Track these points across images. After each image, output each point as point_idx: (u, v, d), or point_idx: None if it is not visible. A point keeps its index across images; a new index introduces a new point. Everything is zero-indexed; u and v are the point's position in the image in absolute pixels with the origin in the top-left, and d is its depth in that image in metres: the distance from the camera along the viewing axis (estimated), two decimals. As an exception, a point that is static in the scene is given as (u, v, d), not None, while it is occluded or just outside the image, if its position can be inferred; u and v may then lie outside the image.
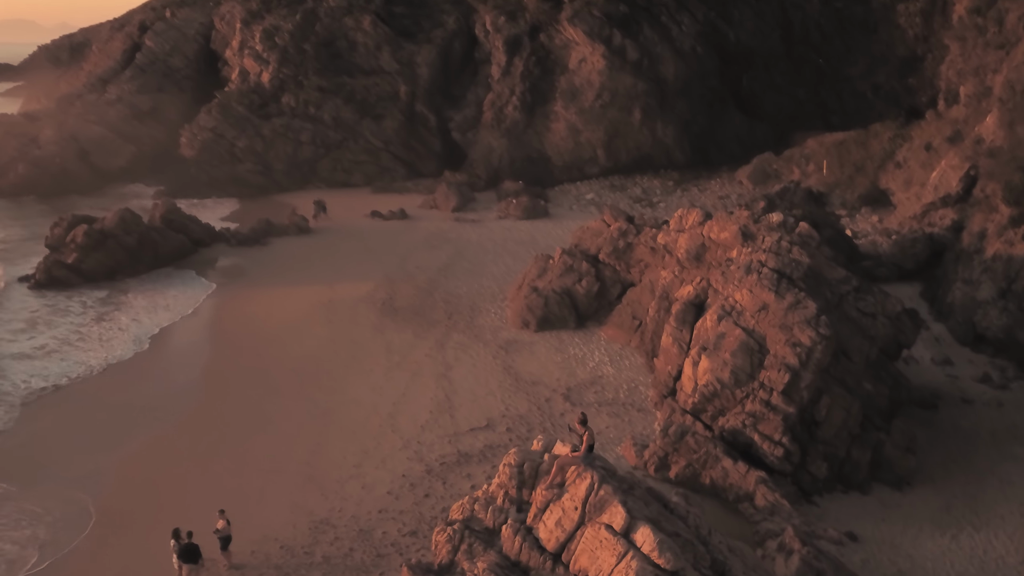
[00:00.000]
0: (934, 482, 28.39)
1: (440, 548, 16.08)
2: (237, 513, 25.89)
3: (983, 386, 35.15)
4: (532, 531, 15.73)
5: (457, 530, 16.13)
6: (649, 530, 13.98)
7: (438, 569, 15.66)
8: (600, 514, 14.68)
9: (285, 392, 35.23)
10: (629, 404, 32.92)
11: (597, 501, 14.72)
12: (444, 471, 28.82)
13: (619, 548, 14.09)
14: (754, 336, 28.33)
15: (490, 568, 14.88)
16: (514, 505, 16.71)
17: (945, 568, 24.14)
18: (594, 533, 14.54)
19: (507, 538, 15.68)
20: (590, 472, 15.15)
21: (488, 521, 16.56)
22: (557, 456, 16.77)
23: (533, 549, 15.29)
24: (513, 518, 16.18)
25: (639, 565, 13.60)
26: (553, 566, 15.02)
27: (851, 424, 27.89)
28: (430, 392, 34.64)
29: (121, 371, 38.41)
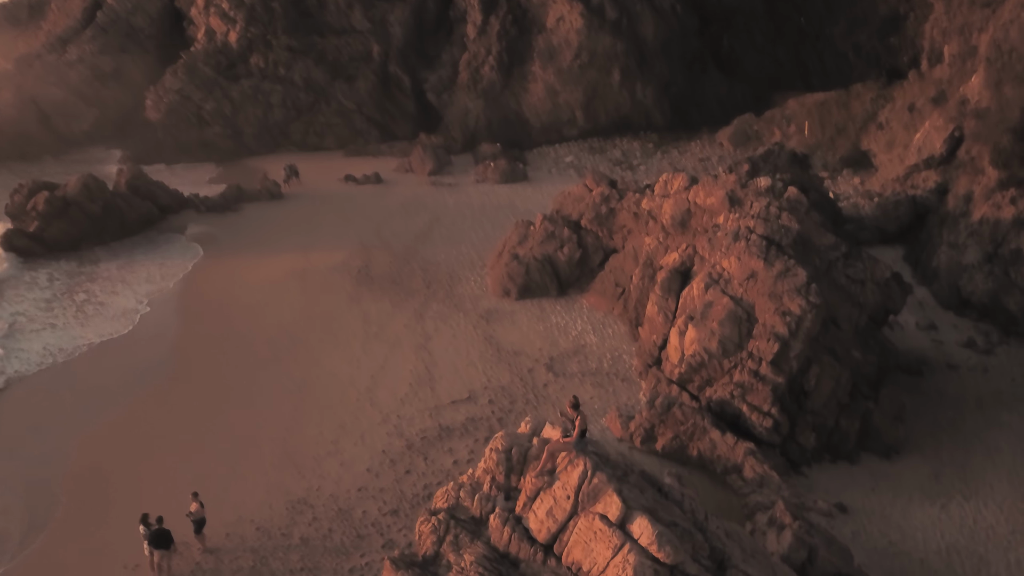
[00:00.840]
0: (922, 451, 28.08)
1: (424, 539, 15.28)
2: (210, 494, 24.98)
3: (968, 351, 34.85)
4: (521, 521, 14.96)
5: (442, 520, 15.32)
6: (647, 521, 13.24)
7: (422, 561, 14.87)
8: (594, 503, 13.91)
9: (259, 366, 34.14)
10: (613, 374, 32.23)
11: (591, 490, 13.94)
12: (425, 446, 28.03)
13: (615, 540, 13.34)
14: (742, 305, 27.61)
15: (478, 561, 14.10)
16: (501, 492, 15.91)
17: (935, 538, 23.85)
18: (588, 524, 13.78)
19: (495, 528, 14.89)
20: (583, 459, 14.34)
21: (474, 510, 15.76)
22: (547, 440, 15.94)
23: (523, 540, 14.52)
24: (501, 506, 15.38)
25: (637, 559, 12.87)
26: (544, 558, 14.27)
27: (840, 394, 27.40)
28: (409, 364, 33.72)
29: (92, 347, 37.08)
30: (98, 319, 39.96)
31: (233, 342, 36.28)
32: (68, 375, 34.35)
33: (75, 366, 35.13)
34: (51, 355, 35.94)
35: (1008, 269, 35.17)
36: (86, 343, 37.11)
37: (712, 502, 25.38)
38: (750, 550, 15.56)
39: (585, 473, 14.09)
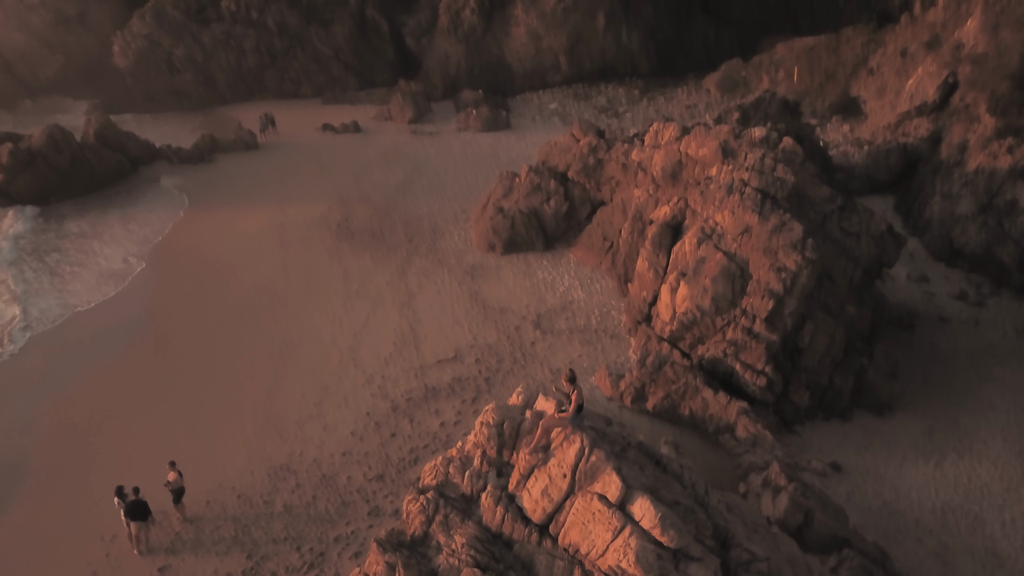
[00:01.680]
0: (915, 407, 27.70)
1: (412, 518, 14.55)
2: (189, 462, 24.21)
3: (959, 303, 34.40)
4: (515, 499, 14.24)
5: (431, 499, 14.57)
6: (648, 502, 12.54)
7: (411, 541, 14.17)
8: (592, 482, 13.19)
9: (237, 326, 33.09)
10: (601, 331, 31.49)
11: (588, 468, 13.20)
12: (411, 408, 27.28)
13: (615, 522, 12.66)
14: (736, 261, 26.80)
15: (470, 543, 13.40)
16: (493, 468, 15.17)
17: (930, 497, 23.57)
18: (585, 504, 13.07)
19: (487, 508, 14.18)
20: (579, 435, 13.57)
21: (465, 487, 15.02)
22: (541, 414, 15.14)
23: (517, 520, 13.82)
24: (493, 484, 14.64)
25: (639, 543, 12.20)
26: (540, 539, 13.59)
27: (835, 351, 26.84)
28: (392, 323, 32.79)
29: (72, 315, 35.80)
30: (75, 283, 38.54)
31: (209, 301, 35.16)
32: (40, 340, 33.18)
33: (49, 331, 33.96)
34: (28, 327, 34.44)
35: (1002, 220, 34.53)
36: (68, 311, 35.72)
37: (705, 462, 24.96)
38: (752, 524, 15.00)
39: (582, 450, 13.33)
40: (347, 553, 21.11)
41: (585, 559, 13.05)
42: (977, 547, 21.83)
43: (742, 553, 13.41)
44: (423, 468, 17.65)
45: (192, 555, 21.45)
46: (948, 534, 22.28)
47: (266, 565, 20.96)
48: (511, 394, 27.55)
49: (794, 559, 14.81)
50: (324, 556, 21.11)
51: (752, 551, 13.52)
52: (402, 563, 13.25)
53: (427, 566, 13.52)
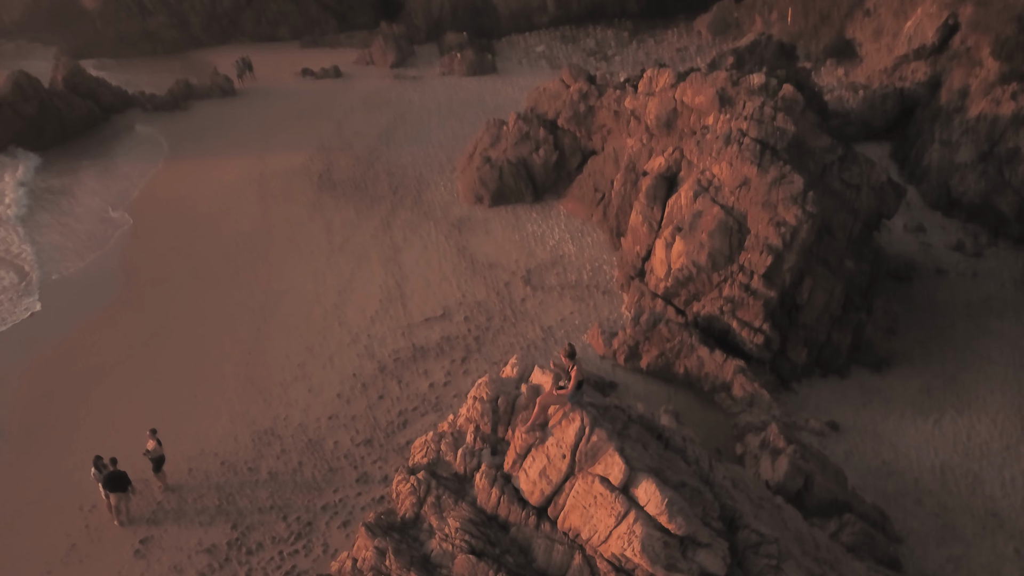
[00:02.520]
0: (912, 363, 27.20)
1: (403, 499, 13.83)
2: (169, 427, 23.42)
3: (957, 254, 33.79)
4: (511, 480, 13.53)
5: (422, 480, 13.82)
6: (654, 485, 11.84)
7: (401, 524, 13.46)
8: (593, 463, 12.46)
9: (217, 282, 32.00)
10: (593, 286, 30.65)
11: (589, 448, 12.46)
12: (399, 368, 26.48)
13: (618, 507, 11.97)
14: (733, 215, 25.88)
15: (463, 527, 12.71)
16: (487, 445, 14.42)
17: (929, 456, 23.18)
18: (586, 487, 12.37)
19: (482, 489, 13.46)
20: (579, 412, 12.79)
21: (458, 466, 14.27)
22: (537, 388, 14.34)
23: (513, 502, 13.13)
24: (487, 463, 13.90)
25: (644, 530, 11.54)
26: (538, 522, 12.92)
27: (833, 307, 26.18)
28: (378, 279, 31.79)
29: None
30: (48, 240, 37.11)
31: (188, 257, 33.96)
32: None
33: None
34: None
35: (1003, 168, 33.70)
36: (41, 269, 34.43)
37: (701, 423, 24.44)
38: (757, 499, 14.41)
39: (582, 429, 12.58)
40: (335, 522, 20.50)
41: (586, 544, 12.42)
42: (977, 507, 21.51)
43: (750, 535, 12.82)
44: (413, 444, 16.90)
45: (175, 525, 20.77)
46: (947, 494, 21.94)
47: (252, 535, 20.33)
48: (502, 354, 26.94)
49: (801, 535, 14.28)
50: (311, 526, 20.49)
51: (760, 532, 12.93)
52: (392, 549, 12.57)
53: (419, 551, 12.85)
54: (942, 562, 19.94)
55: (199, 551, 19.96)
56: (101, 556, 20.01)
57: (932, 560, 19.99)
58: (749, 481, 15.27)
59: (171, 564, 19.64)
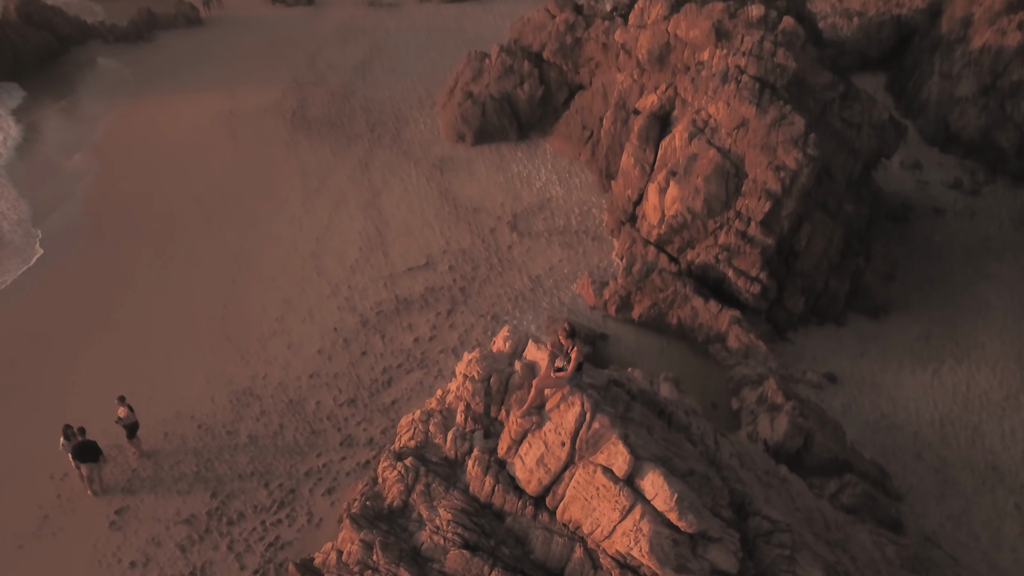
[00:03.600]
0: (910, 309, 26.52)
1: (390, 486, 12.95)
2: (142, 389, 22.43)
3: (954, 192, 32.90)
4: (505, 466, 12.65)
5: (410, 467, 12.91)
6: (661, 477, 10.99)
7: (388, 512, 12.61)
8: (594, 452, 11.58)
9: (188, 230, 30.51)
10: (582, 232, 29.50)
11: (590, 436, 11.56)
12: (381, 322, 25.43)
13: (623, 500, 11.14)
14: (730, 158, 24.64)
15: (456, 519, 11.86)
16: (479, 427, 13.49)
17: (928, 408, 22.68)
18: (587, 477, 11.50)
19: (474, 477, 12.58)
20: (579, 396, 11.84)
21: (448, 449, 13.35)
22: (532, 366, 13.35)
23: (508, 491, 12.27)
24: (480, 447, 13.00)
25: (652, 528, 10.72)
26: (535, 512, 12.11)
27: (832, 253, 25.26)
28: (357, 225, 30.43)
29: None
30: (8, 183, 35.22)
31: (157, 203, 32.32)
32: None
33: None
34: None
35: (1005, 103, 32.50)
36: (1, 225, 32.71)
37: (695, 375, 23.74)
38: (764, 475, 13.68)
39: (583, 415, 11.65)
40: (319, 489, 19.71)
41: (588, 538, 11.66)
42: (977, 461, 21.10)
43: (761, 522, 12.12)
44: (399, 424, 15.95)
45: (151, 494, 19.90)
46: (947, 448, 21.51)
47: (232, 504, 19.52)
48: (489, 305, 25.93)
49: (811, 513, 13.63)
50: (294, 493, 19.70)
51: (771, 518, 12.23)
52: (380, 543, 11.73)
53: (408, 542, 12.03)
54: (942, 520, 19.57)
55: (177, 522, 19.15)
56: (75, 528, 19.17)
57: (932, 518, 19.62)
58: (755, 455, 14.55)
59: (149, 536, 18.85)
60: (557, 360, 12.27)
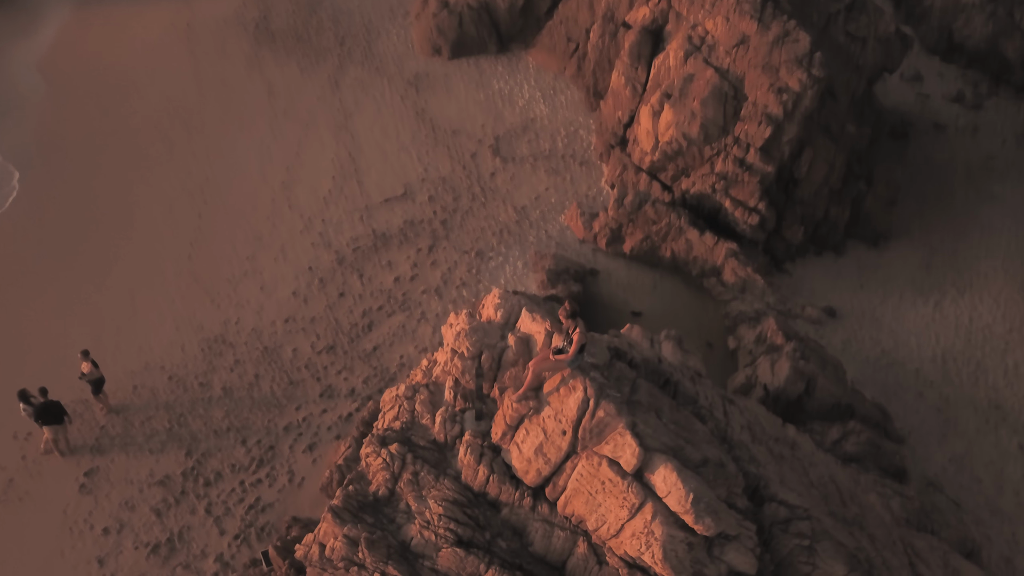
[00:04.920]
0: (911, 235, 25.52)
1: (375, 474, 11.93)
2: (107, 338, 21.21)
3: (956, 106, 31.40)
4: (500, 452, 11.63)
5: (396, 455, 11.85)
6: (675, 474, 10.00)
7: (374, 501, 11.64)
8: (599, 442, 10.56)
9: (148, 160, 28.48)
10: (570, 156, 27.88)
11: (594, 425, 10.52)
12: (359, 259, 24.08)
13: (632, 498, 10.20)
14: (729, 79, 22.96)
15: (447, 512, 10.90)
16: (471, 407, 12.40)
17: (930, 343, 21.96)
18: (592, 470, 10.52)
19: (467, 465, 11.55)
20: (581, 380, 10.72)
21: (437, 432, 12.27)
22: (526, 340, 12.16)
23: (504, 481, 11.30)
24: (472, 430, 11.93)
25: (666, 532, 9.81)
26: (534, 503, 11.18)
27: (833, 179, 23.99)
28: (329, 151, 28.57)
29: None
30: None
31: (112, 130, 30.06)
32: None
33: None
34: None
35: (1013, 10, 30.73)
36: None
37: (689, 311, 22.82)
38: (776, 447, 12.82)
39: (586, 402, 10.57)
40: (300, 446, 18.84)
41: (593, 534, 10.78)
42: (979, 399, 20.54)
43: (778, 509, 11.31)
44: (382, 398, 14.82)
45: (122, 453, 18.92)
46: (949, 385, 20.89)
47: (209, 463, 18.62)
48: (472, 240, 24.58)
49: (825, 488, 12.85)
50: (274, 450, 18.82)
51: (788, 502, 11.42)
52: (366, 540, 10.80)
53: (396, 536, 11.12)
54: (944, 463, 19.10)
55: (151, 483, 18.28)
56: (42, 492, 18.23)
57: (934, 461, 19.14)
58: (764, 420, 13.69)
59: (121, 499, 17.98)
60: (555, 336, 11.10)
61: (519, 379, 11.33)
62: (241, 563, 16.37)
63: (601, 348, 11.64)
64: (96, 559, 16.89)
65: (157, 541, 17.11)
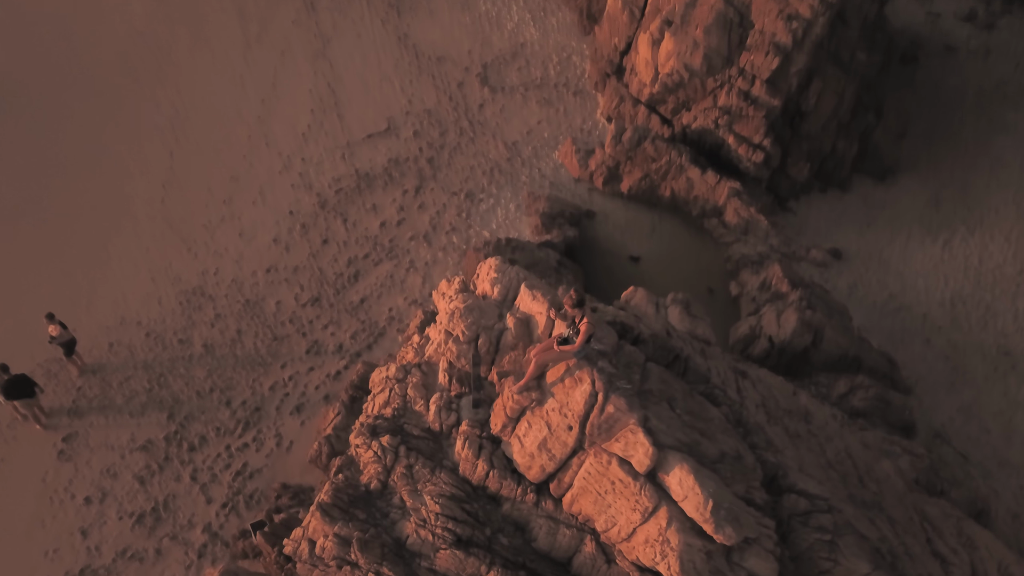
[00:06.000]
0: (919, 169, 24.45)
1: (366, 467, 11.13)
2: (79, 292, 20.19)
3: (967, 26, 29.78)
4: (500, 444, 10.83)
5: (388, 447, 11.02)
6: (691, 476, 9.24)
7: (366, 493, 10.86)
8: (608, 439, 9.75)
9: (114, 93, 26.63)
10: (562, 85, 26.33)
11: (603, 420, 9.69)
12: (343, 202, 22.85)
13: (645, 501, 9.46)
14: (734, 4, 21.37)
15: (445, 511, 10.14)
16: (466, 390, 11.49)
17: (939, 285, 21.21)
18: (600, 468, 9.75)
19: (465, 459, 10.74)
20: (587, 371, 9.82)
21: (431, 421, 11.40)
22: (526, 321, 11.17)
23: (506, 476, 10.53)
24: (469, 420, 11.07)
25: (683, 541, 9.10)
26: (538, 499, 10.45)
27: (842, 111, 22.71)
28: (307, 81, 26.84)
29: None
30: None
31: (73, 61, 28.01)
32: None
33: None
34: None
35: (1033, -81, 28.74)
36: None
37: (689, 254, 21.92)
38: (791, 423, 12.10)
39: (594, 396, 9.71)
40: (286, 407, 18.09)
41: (603, 534, 10.10)
42: (988, 345, 19.94)
43: (797, 500, 10.65)
44: (371, 378, 13.89)
45: (101, 417, 18.12)
46: (958, 330, 20.25)
47: (192, 427, 17.87)
48: (461, 180, 23.33)
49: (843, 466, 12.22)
50: (260, 412, 18.06)
51: (808, 492, 10.76)
52: (358, 541, 10.08)
53: (391, 532, 10.42)
54: (952, 413, 18.61)
55: (133, 449, 17.55)
56: (19, 459, 17.49)
57: (942, 411, 18.64)
58: (777, 392, 12.95)
59: (102, 466, 17.28)
60: (557, 322, 10.13)
61: (518, 364, 10.45)
62: (230, 534, 15.82)
63: (609, 331, 10.76)
64: (79, 530, 16.30)
65: (142, 511, 16.50)
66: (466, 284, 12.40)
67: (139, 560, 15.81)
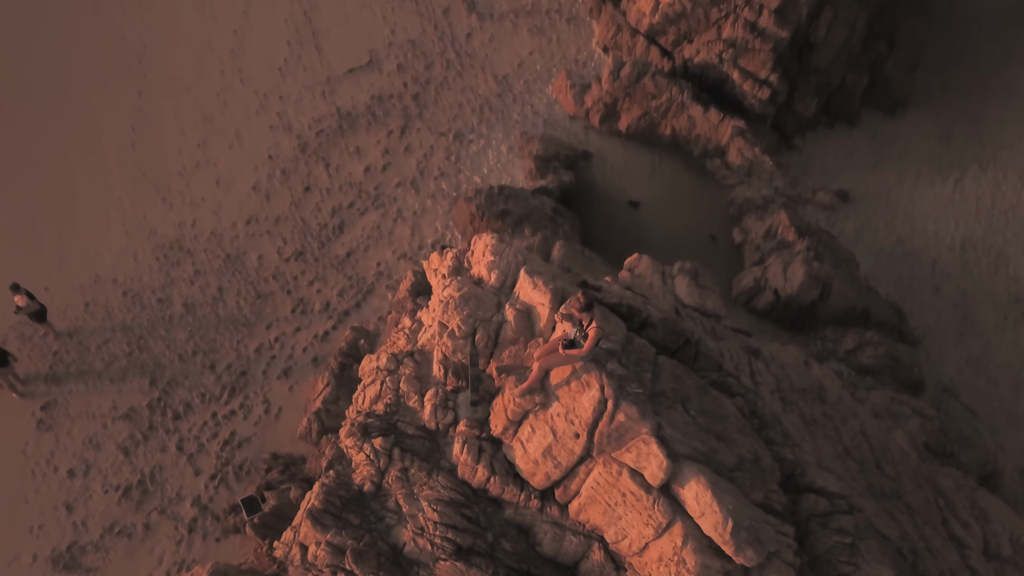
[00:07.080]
0: (930, 102, 23.32)
1: (359, 467, 10.43)
2: (49, 248, 19.21)
3: (984, -59, 28.04)
4: (501, 448, 10.12)
5: (381, 450, 10.29)
6: (708, 492, 8.58)
7: (359, 494, 10.18)
8: (619, 448, 9.06)
9: (74, 24, 24.86)
10: (555, 11, 24.72)
11: (613, 429, 8.96)
12: (324, 145, 21.61)
13: (658, 516, 8.84)
14: (743, -74, 19.74)
15: (443, 518, 9.50)
16: (463, 384, 10.70)
17: (949, 229, 20.44)
18: (610, 479, 9.09)
19: (464, 464, 10.04)
20: (596, 375, 9.04)
21: (427, 419, 10.63)
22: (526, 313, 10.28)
23: (508, 482, 9.87)
24: (467, 419, 10.31)
25: (699, 561, 8.52)
26: (543, 504, 9.83)
27: (853, 43, 21.38)
28: (282, 10, 25.12)
29: None
30: None
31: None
32: None
33: None
34: None
35: None
36: None
37: (690, 195, 20.97)
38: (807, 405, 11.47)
39: (603, 403, 8.97)
40: (273, 371, 17.35)
41: (612, 545, 9.54)
42: (999, 292, 19.33)
43: (817, 501, 10.10)
44: (361, 366, 13.01)
45: (80, 383, 17.35)
46: (968, 278, 19.59)
47: (176, 393, 17.15)
48: (449, 119, 22.04)
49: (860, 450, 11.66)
50: (246, 376, 17.33)
51: (827, 490, 10.21)
52: (353, 551, 9.49)
53: (386, 538, 9.83)
54: (960, 365, 18.14)
55: (115, 417, 16.85)
56: (-2, 429, 16.80)
57: (950, 363, 18.16)
58: (790, 369, 12.27)
59: (85, 436, 16.60)
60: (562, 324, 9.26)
61: (519, 359, 9.67)
62: (221, 508, 15.33)
63: (617, 324, 9.96)
64: (64, 505, 15.75)
65: (128, 483, 15.94)
66: (460, 263, 11.49)
67: (127, 536, 15.33)
